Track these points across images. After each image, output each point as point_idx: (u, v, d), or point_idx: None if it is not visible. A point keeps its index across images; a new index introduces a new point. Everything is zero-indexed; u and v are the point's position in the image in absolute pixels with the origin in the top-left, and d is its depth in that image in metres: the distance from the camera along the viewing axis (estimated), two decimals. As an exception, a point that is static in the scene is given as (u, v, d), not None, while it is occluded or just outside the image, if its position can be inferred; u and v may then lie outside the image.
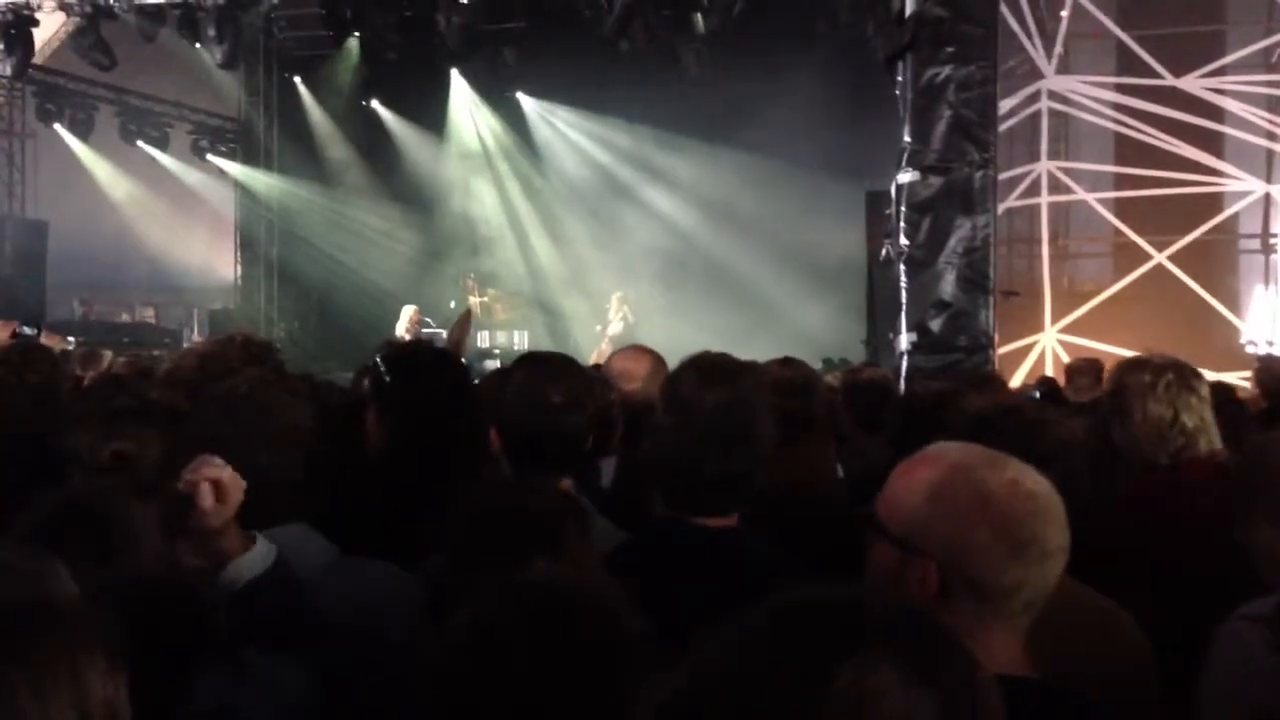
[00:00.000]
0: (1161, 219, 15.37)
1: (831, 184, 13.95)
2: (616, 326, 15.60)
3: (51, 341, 6.08)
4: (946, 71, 8.70)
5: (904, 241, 8.81)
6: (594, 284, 17.37)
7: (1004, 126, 13.27)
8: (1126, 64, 15.64)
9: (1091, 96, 15.80)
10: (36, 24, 14.87)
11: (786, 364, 4.24)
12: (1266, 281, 15.56)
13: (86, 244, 17.71)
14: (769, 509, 2.40)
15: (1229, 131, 15.36)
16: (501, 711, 1.35)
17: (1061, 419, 2.83)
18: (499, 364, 11.58)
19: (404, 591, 2.25)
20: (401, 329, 13.44)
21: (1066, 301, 15.81)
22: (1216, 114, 15.32)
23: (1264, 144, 15.30)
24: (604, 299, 16.41)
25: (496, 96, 18.11)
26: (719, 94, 15.19)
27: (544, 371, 2.76)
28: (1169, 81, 15.27)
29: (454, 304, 17.06)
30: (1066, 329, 15.49)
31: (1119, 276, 15.76)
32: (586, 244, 17.93)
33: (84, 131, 17.33)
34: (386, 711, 1.90)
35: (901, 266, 8.87)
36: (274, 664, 1.86)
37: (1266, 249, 15.73)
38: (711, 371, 2.36)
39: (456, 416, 2.88)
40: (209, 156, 18.39)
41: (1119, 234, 15.85)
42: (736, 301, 15.56)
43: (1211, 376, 4.13)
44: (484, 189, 18.87)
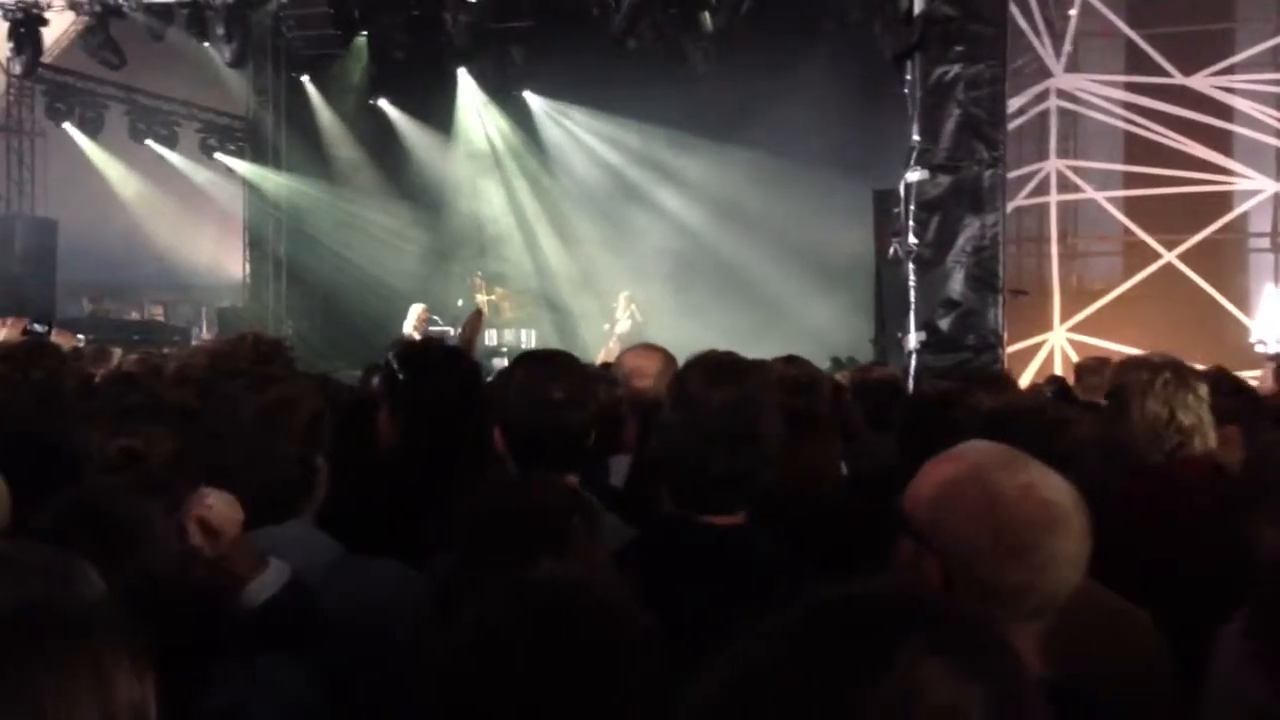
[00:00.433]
0: (1171, 218, 15.32)
1: (840, 182, 13.92)
2: (624, 325, 15.60)
3: (62, 339, 6.09)
4: (955, 70, 8.68)
5: (912, 240, 8.79)
6: (602, 283, 17.35)
7: (1013, 125, 13.21)
8: (1136, 62, 15.59)
9: (1101, 95, 15.76)
10: (46, 23, 14.93)
11: (791, 362, 4.26)
12: (1276, 280, 15.49)
13: (96, 242, 17.73)
14: (775, 507, 2.40)
15: (1239, 130, 15.31)
16: (507, 711, 1.34)
17: (1079, 419, 2.82)
18: (507, 362, 11.57)
19: (409, 590, 2.25)
20: (409, 327, 13.45)
21: (1075, 300, 15.78)
22: (1226, 113, 15.27)
23: (1274, 143, 15.23)
24: (611, 298, 16.40)
25: (504, 96, 18.10)
26: (727, 93, 15.16)
27: (544, 369, 2.76)
28: (1178, 80, 15.23)
29: (461, 302, 17.05)
30: (1075, 328, 15.45)
31: (1128, 275, 15.72)
32: (594, 243, 17.91)
33: (93, 130, 17.37)
34: (391, 710, 1.90)
35: (910, 265, 8.85)
36: (285, 668, 1.87)
37: (1276, 248, 15.68)
38: (718, 370, 2.36)
39: (469, 415, 2.88)
40: (217, 155, 18.43)
41: (1128, 233, 15.81)
42: (744, 300, 15.53)
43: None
44: (491, 188, 18.84)
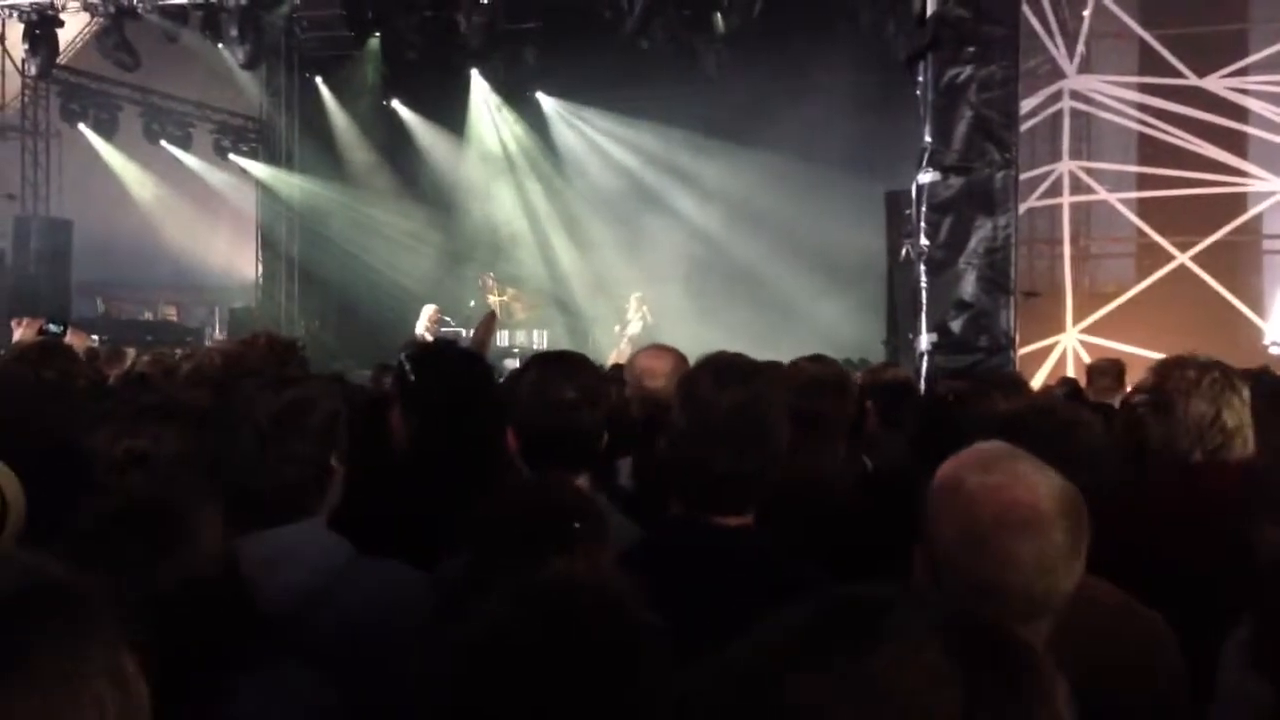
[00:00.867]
0: (1184, 219, 15.27)
1: (852, 184, 13.90)
2: (635, 326, 15.61)
3: (77, 339, 6.12)
4: (968, 71, 8.66)
5: (924, 242, 8.78)
6: (613, 284, 17.37)
7: (1025, 126, 13.19)
8: (1149, 63, 15.54)
9: (1114, 96, 15.72)
10: (61, 24, 15.03)
11: (818, 361, 4.25)
12: (1290, 282, 15.46)
13: (110, 242, 17.82)
14: (784, 508, 2.40)
15: (1252, 131, 15.25)
16: (514, 712, 1.34)
17: (1093, 421, 2.81)
18: (518, 363, 11.59)
19: (419, 592, 2.25)
20: (421, 328, 13.47)
21: (1088, 302, 15.74)
22: (1240, 114, 15.21)
23: (1288, 144, 15.20)
24: (623, 299, 16.41)
25: (516, 96, 18.15)
26: (739, 94, 15.16)
27: (557, 370, 2.75)
28: (1192, 81, 15.18)
29: (473, 303, 17.09)
30: (1088, 330, 15.41)
31: (1141, 277, 15.68)
32: (606, 243, 17.92)
33: (108, 131, 17.46)
34: (400, 712, 1.91)
35: (922, 267, 8.83)
36: (305, 673, 1.88)
37: (1290, 249, 15.64)
38: (726, 371, 2.35)
39: (481, 417, 2.89)
40: (231, 156, 18.50)
41: (1141, 234, 15.76)
42: (756, 301, 15.53)
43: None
44: (504, 188, 18.88)
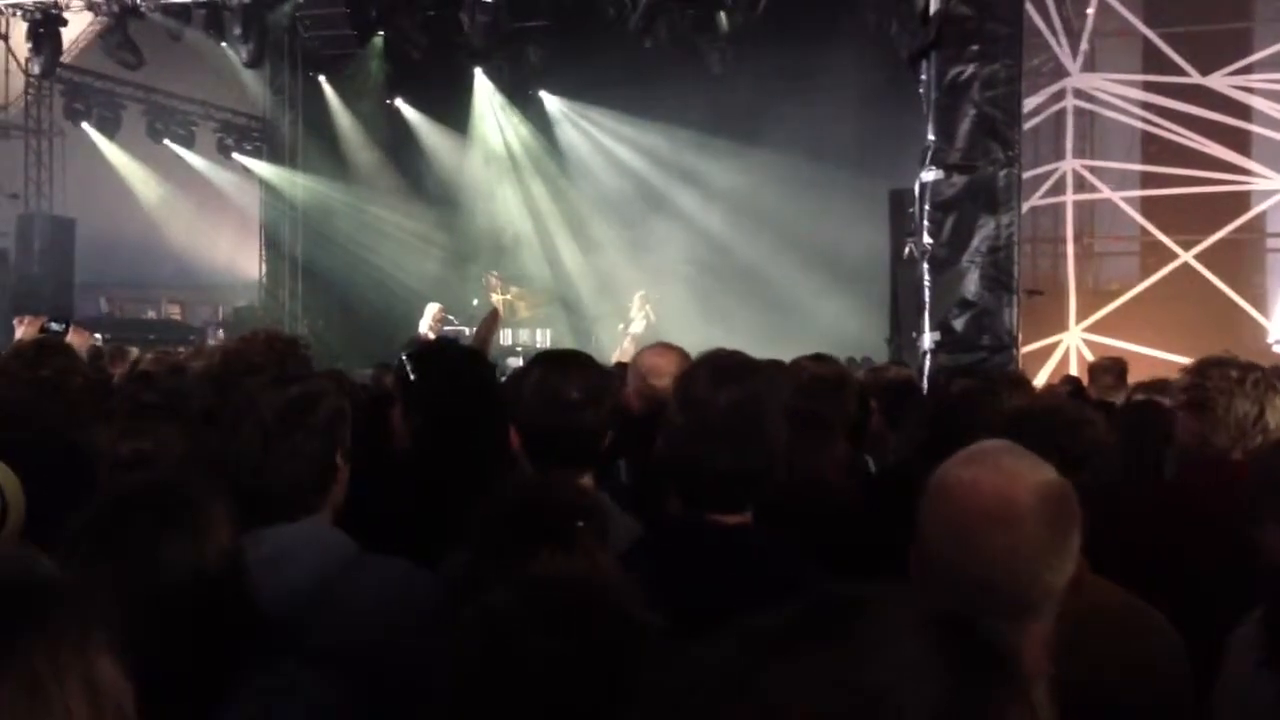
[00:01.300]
0: (1187, 218, 15.26)
1: (855, 182, 13.89)
2: (639, 325, 15.60)
3: (80, 338, 6.11)
4: (971, 69, 8.66)
5: (927, 240, 8.78)
6: (616, 282, 17.36)
7: (1029, 124, 13.19)
8: (1153, 62, 15.53)
9: (1117, 94, 15.70)
10: (65, 23, 15.04)
11: (820, 360, 4.24)
12: (1294, 281, 15.44)
13: (113, 241, 17.87)
14: (782, 507, 2.40)
15: (1256, 130, 15.23)
16: (513, 708, 1.34)
17: (1098, 419, 2.81)
18: (521, 361, 11.59)
19: (423, 589, 2.26)
20: (425, 327, 13.47)
21: (1091, 301, 15.72)
22: (1243, 112, 15.19)
23: (1292, 142, 15.18)
24: (626, 297, 16.41)
25: (520, 95, 18.15)
26: (743, 93, 15.15)
27: (561, 369, 2.75)
28: (1195, 79, 15.16)
29: (477, 302, 17.09)
30: (1091, 328, 15.40)
31: (1144, 276, 15.66)
32: (609, 242, 17.92)
33: (111, 130, 17.48)
34: (402, 709, 1.91)
35: (925, 265, 8.84)
36: (308, 672, 1.88)
37: (1294, 248, 15.63)
38: (724, 370, 2.35)
39: (483, 415, 2.88)
40: (234, 155, 18.51)
41: (1145, 233, 15.74)
42: (759, 299, 15.53)
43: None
44: (507, 186, 18.88)
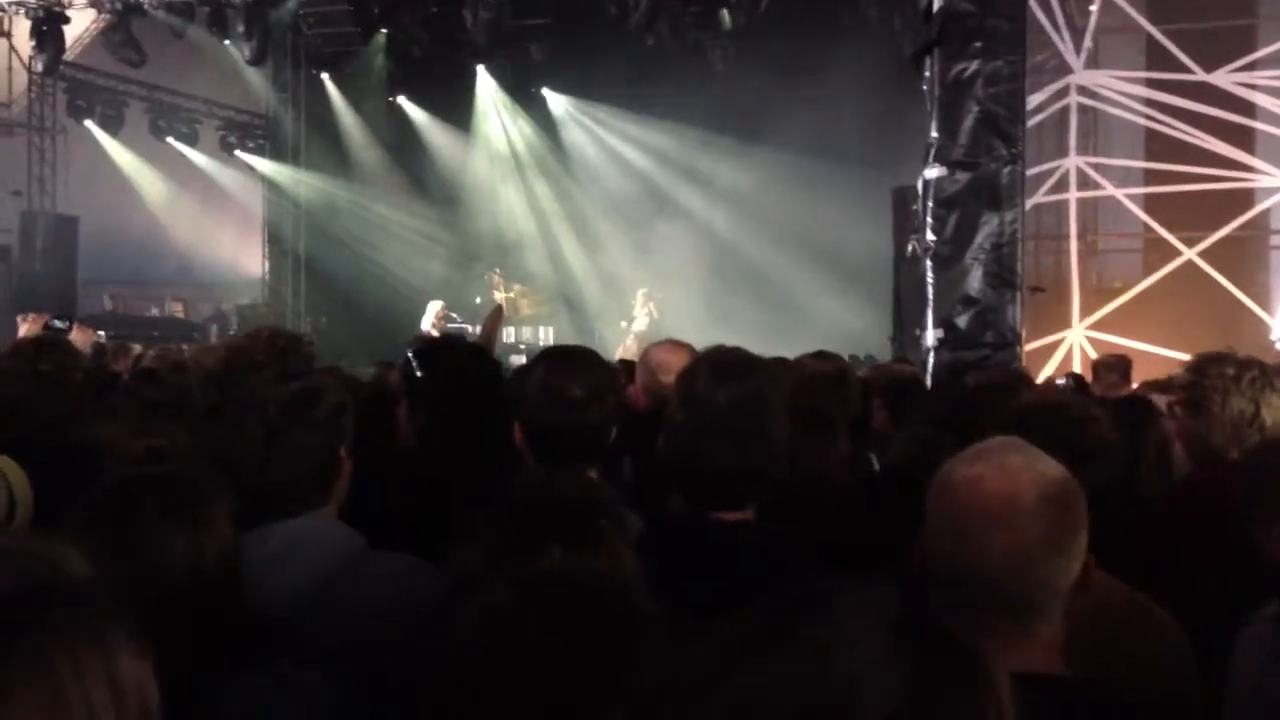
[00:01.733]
0: (1191, 215, 15.23)
1: (858, 179, 13.89)
2: (642, 322, 15.58)
3: (84, 335, 6.12)
4: (974, 66, 8.64)
5: (931, 237, 8.77)
6: (619, 279, 17.36)
7: (1032, 122, 13.18)
8: (1156, 59, 15.50)
9: (1121, 91, 15.68)
10: (68, 21, 15.06)
11: (821, 357, 4.24)
12: (1298, 278, 15.41)
13: (116, 239, 17.87)
14: (783, 503, 2.39)
15: (1260, 126, 15.19)
16: (515, 703, 1.33)
17: (1105, 417, 2.80)
18: (524, 359, 11.59)
19: (428, 585, 2.26)
20: (427, 324, 13.46)
21: (1095, 298, 15.71)
22: (1247, 109, 15.16)
23: (1295, 139, 15.15)
24: (629, 294, 16.40)
25: (523, 93, 18.15)
26: (745, 90, 15.15)
27: (565, 365, 2.74)
28: (1199, 76, 15.13)
29: (479, 299, 17.10)
30: (1094, 325, 15.39)
31: (1148, 273, 15.64)
32: (612, 239, 17.91)
33: (114, 127, 17.50)
34: (405, 704, 1.92)
35: (928, 262, 8.83)
36: (306, 671, 1.88)
37: (1298, 245, 15.60)
38: (725, 367, 2.35)
39: (488, 411, 2.89)
40: (237, 152, 18.52)
41: (1148, 230, 15.72)
42: (762, 297, 15.53)
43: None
44: (510, 184, 18.87)
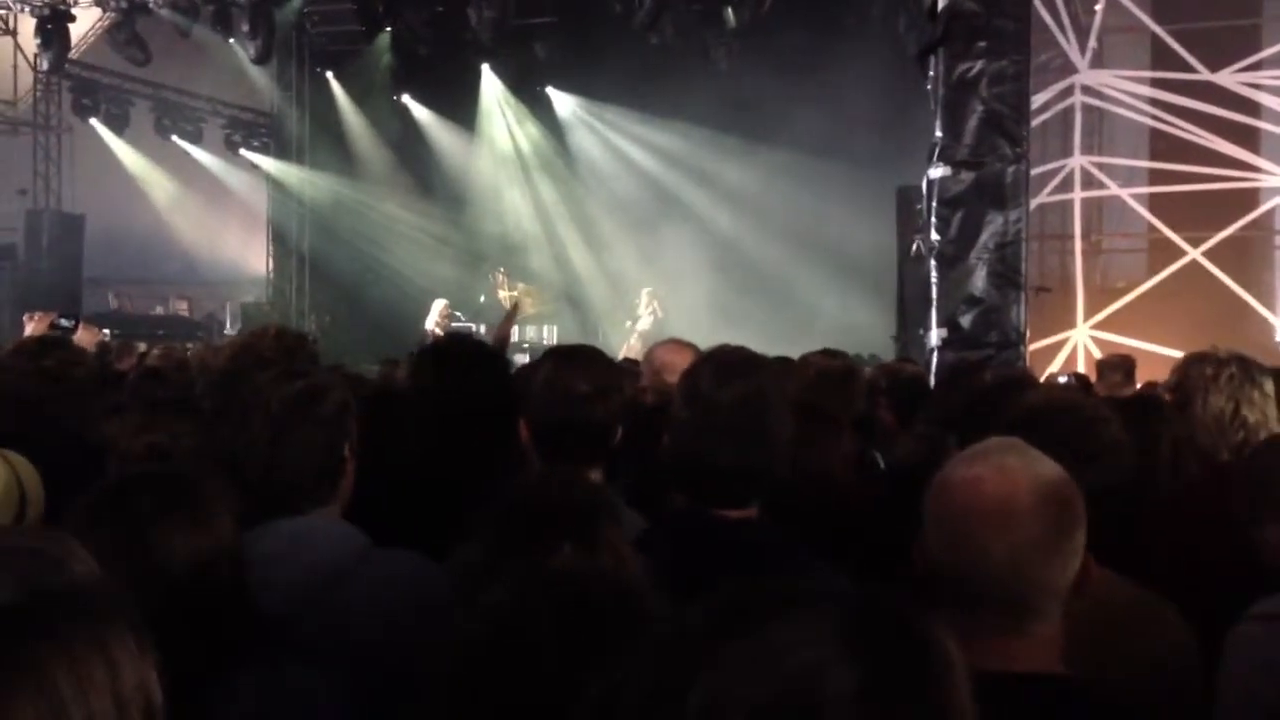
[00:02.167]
0: (1196, 215, 15.20)
1: (862, 179, 13.88)
2: (646, 321, 15.59)
3: (89, 334, 6.12)
4: (979, 66, 8.63)
5: (935, 237, 8.76)
6: (624, 278, 17.36)
7: (1037, 121, 13.16)
8: (1161, 58, 15.47)
9: (1125, 91, 15.65)
10: (73, 19, 15.08)
11: (828, 355, 4.24)
12: (1302, 278, 15.38)
13: (121, 237, 17.89)
14: (788, 501, 2.39)
15: (1265, 126, 15.16)
16: (522, 701, 1.33)
17: (1113, 417, 2.80)
18: (528, 358, 11.59)
19: (434, 582, 2.26)
20: (431, 323, 13.50)
21: (1099, 298, 15.68)
22: (1252, 109, 15.13)
23: (1300, 139, 15.12)
24: (634, 293, 16.40)
25: (527, 92, 18.15)
26: (749, 89, 15.11)
27: (571, 363, 2.75)
28: (1204, 76, 15.11)
29: (483, 298, 17.12)
30: (1099, 325, 15.36)
31: (1152, 273, 15.61)
32: (617, 238, 17.91)
33: (119, 126, 17.52)
34: (411, 702, 1.92)
35: (932, 262, 8.82)
36: (308, 672, 1.88)
37: (1302, 245, 15.57)
38: (728, 366, 2.35)
39: (497, 410, 2.89)
40: (242, 151, 18.55)
41: (1153, 230, 15.70)
42: (767, 296, 15.52)
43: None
44: (514, 183, 18.89)
